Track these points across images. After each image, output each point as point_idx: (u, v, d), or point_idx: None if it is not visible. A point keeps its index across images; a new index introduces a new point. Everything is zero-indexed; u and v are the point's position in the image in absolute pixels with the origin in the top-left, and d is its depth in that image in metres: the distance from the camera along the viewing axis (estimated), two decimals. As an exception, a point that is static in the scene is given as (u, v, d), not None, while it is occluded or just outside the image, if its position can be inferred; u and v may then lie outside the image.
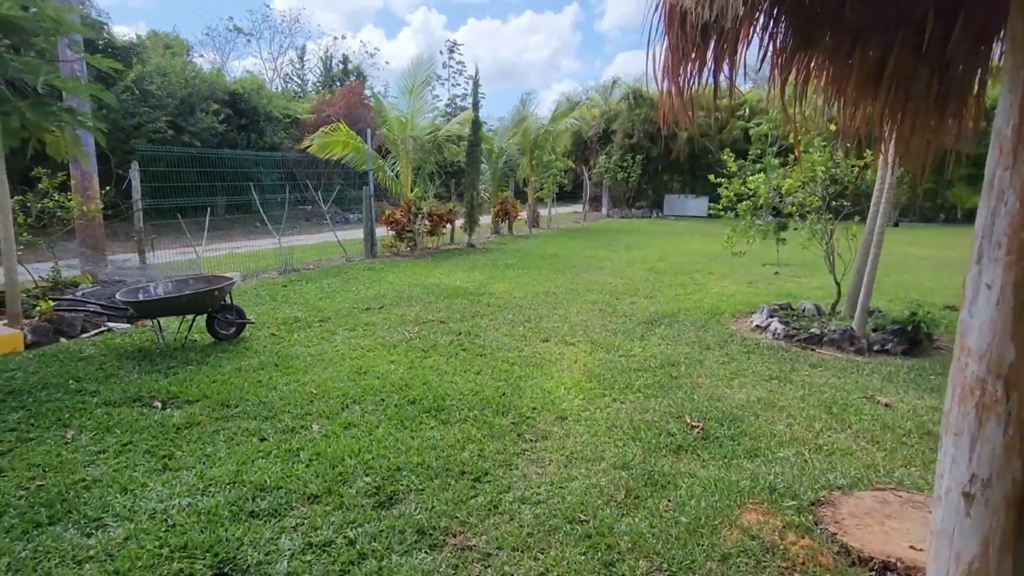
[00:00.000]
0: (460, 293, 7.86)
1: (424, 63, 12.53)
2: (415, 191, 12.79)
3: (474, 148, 13.56)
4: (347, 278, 9.01)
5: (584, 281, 8.94)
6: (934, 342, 5.54)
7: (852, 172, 6.02)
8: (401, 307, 7.00)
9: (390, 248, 12.40)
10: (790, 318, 6.17)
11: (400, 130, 12.84)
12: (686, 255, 12.51)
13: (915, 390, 4.31)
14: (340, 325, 6.11)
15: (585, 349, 5.30)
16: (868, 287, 5.37)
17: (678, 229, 19.96)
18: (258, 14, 40.33)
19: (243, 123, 19.21)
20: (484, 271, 9.89)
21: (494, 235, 16.62)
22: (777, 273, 9.92)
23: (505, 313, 6.71)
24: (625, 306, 7.17)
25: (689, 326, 6.19)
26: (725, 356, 5.10)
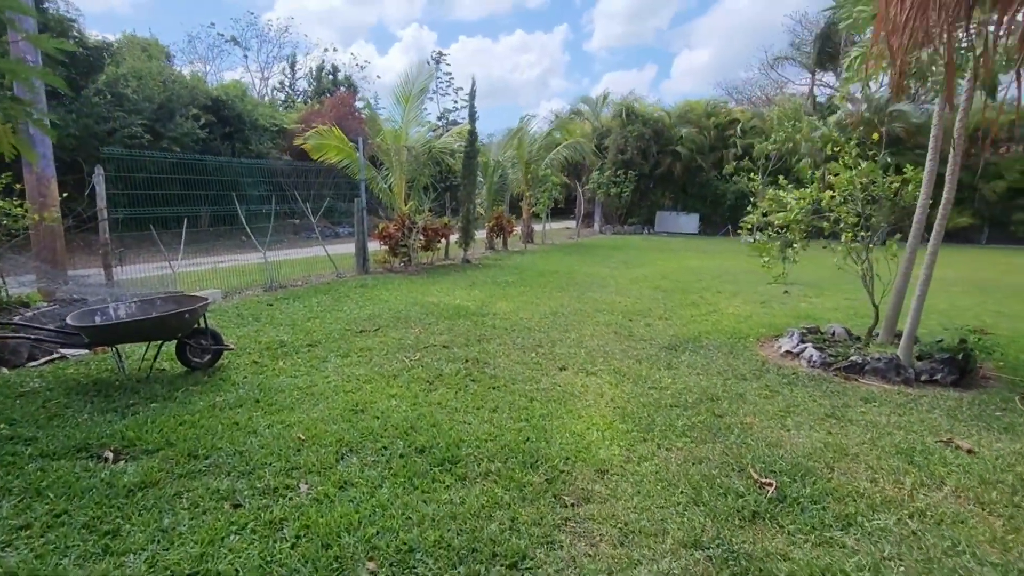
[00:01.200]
0: (462, 313, 7.19)
1: (422, 70, 11.96)
2: (410, 204, 12.14)
3: (470, 160, 12.97)
4: (338, 296, 8.30)
5: (591, 300, 8.32)
6: (979, 371, 4.99)
7: (890, 188, 5.49)
8: (399, 329, 6.31)
9: (383, 264, 11.71)
10: (822, 343, 5.60)
11: (394, 140, 12.22)
12: (688, 272, 11.97)
13: (988, 430, 3.72)
14: (331, 350, 5.40)
15: (609, 380, 4.65)
16: (916, 312, 4.81)
17: (673, 246, 19.50)
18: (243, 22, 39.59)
19: (227, 131, 18.45)
20: (484, 289, 9.23)
21: (489, 251, 16.00)
22: (787, 292, 9.39)
23: (514, 336, 6.05)
24: (641, 328, 6.55)
25: (715, 352, 5.57)
26: (765, 388, 4.48)
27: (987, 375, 4.90)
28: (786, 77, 41.94)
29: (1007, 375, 4.89)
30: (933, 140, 5.13)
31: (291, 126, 20.77)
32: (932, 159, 5.10)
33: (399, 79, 12.12)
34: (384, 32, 77.06)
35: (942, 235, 4.69)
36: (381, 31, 76.09)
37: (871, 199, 5.47)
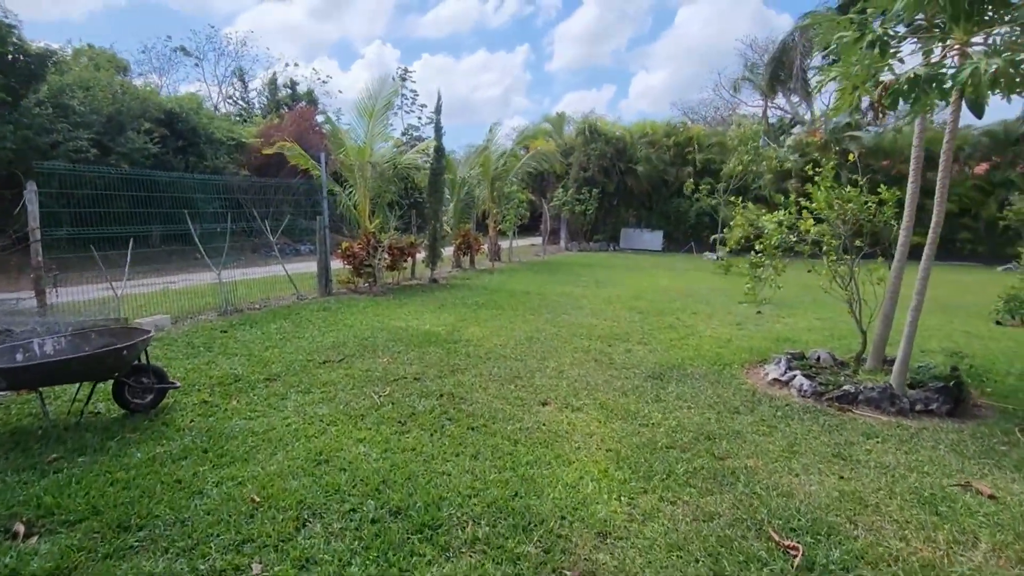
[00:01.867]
0: (432, 340, 6.75)
1: (386, 84, 11.54)
2: (375, 222, 11.64)
3: (437, 177, 12.59)
4: (299, 321, 7.74)
5: (566, 323, 8.00)
6: (971, 399, 4.86)
7: (869, 208, 5.38)
8: (366, 359, 5.83)
9: (346, 284, 11.14)
10: (808, 369, 5.42)
11: (358, 156, 11.73)
12: (660, 292, 11.82)
13: (999, 468, 3.53)
14: (292, 385, 4.89)
15: (596, 416, 4.31)
16: (909, 339, 4.66)
17: (641, 264, 19.49)
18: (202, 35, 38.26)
19: (181, 145, 17.56)
20: (454, 311, 8.81)
21: (456, 269, 15.58)
22: (760, 312, 9.30)
23: (489, 366, 5.66)
24: (621, 355, 6.25)
25: (701, 380, 5.31)
26: (762, 424, 4.21)
27: (978, 403, 4.78)
28: (739, 99, 43.29)
29: (997, 403, 4.78)
30: (914, 162, 5.03)
31: (250, 140, 19.97)
32: (914, 181, 5.00)
33: (363, 94, 11.67)
34: (347, 48, 76.36)
35: (932, 259, 4.55)
36: (344, 47, 75.37)
37: (855, 221, 5.34)
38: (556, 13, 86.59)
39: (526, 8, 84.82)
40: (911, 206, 5.04)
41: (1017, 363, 6.19)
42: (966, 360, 5.17)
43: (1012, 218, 18.74)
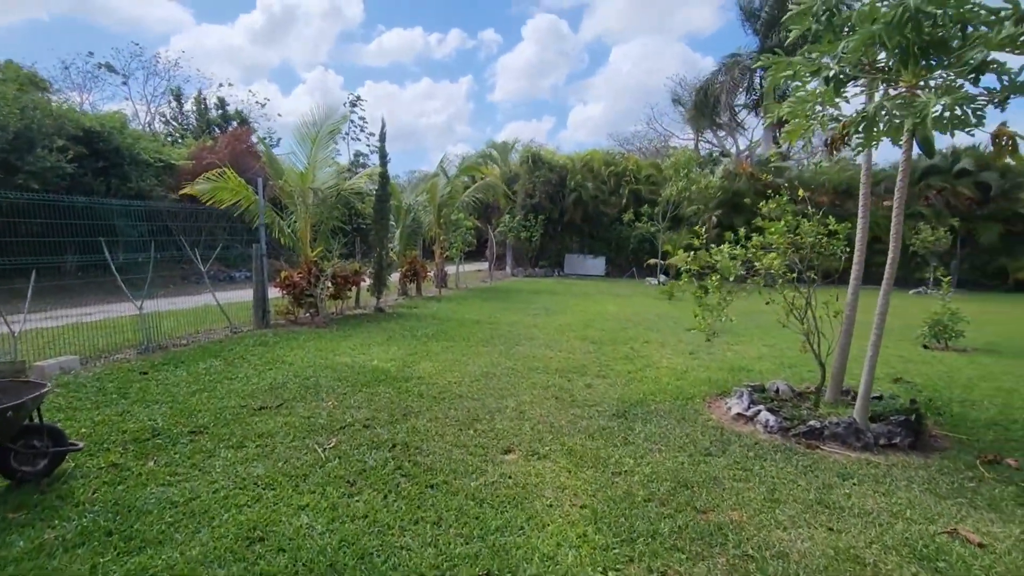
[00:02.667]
0: (381, 378, 6.21)
1: (335, 111, 11.05)
2: (317, 250, 10.97)
3: (383, 204, 12.06)
4: (232, 358, 7.00)
5: (521, 356, 7.64)
6: (928, 431, 4.84)
7: (820, 240, 5.37)
8: (308, 402, 5.24)
9: (286, 315, 10.37)
10: (769, 402, 5.29)
11: (299, 182, 11.08)
12: (610, 319, 11.70)
13: (975, 509, 3.41)
14: (221, 439, 4.26)
15: (565, 465, 3.94)
16: (869, 373, 4.58)
17: (586, 289, 19.48)
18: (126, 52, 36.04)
19: (102, 166, 16.17)
20: (403, 344, 8.27)
21: (402, 297, 14.97)
22: (709, 340, 9.26)
23: (445, 407, 5.20)
24: (582, 390, 5.94)
25: (667, 418, 5.06)
26: (736, 467, 3.97)
27: (934, 434, 4.74)
28: (671, 131, 45.17)
29: (951, 433, 4.76)
30: (863, 198, 5.07)
31: (181, 162, 18.71)
32: (864, 216, 5.03)
33: (308, 119, 11.10)
34: (289, 73, 74.88)
35: (890, 293, 4.52)
36: (285, 72, 73.84)
37: (809, 253, 5.31)
38: (498, 48, 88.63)
39: (469, 42, 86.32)
40: (862, 240, 5.06)
41: (955, 389, 6.32)
42: (923, 393, 5.18)
43: (919, 245, 20.07)
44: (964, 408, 5.55)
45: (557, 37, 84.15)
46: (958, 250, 22.36)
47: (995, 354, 8.60)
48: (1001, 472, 3.93)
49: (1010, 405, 5.64)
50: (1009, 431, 4.83)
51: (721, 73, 31.64)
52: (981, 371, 7.31)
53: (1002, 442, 4.55)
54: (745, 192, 25.89)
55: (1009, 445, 4.48)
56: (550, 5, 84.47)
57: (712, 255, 5.70)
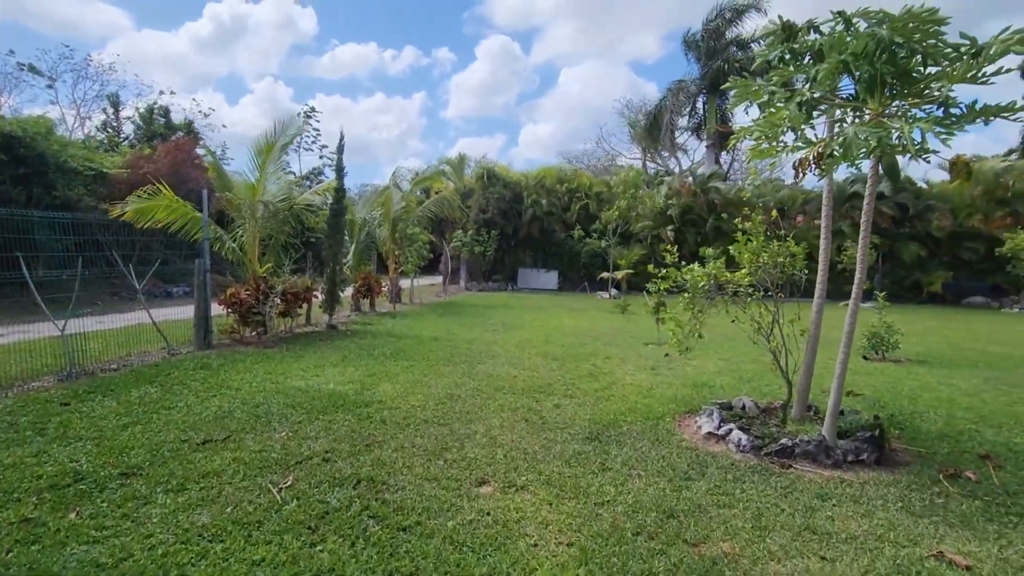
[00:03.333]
0: (339, 403, 5.76)
1: (292, 123, 10.53)
2: (266, 265, 10.31)
3: (337, 218, 11.53)
4: (170, 384, 6.35)
5: (485, 375, 7.33)
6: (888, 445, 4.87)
7: (787, 259, 5.38)
8: (258, 434, 4.75)
9: (231, 334, 9.64)
10: (738, 420, 5.21)
11: (248, 195, 10.42)
12: (568, 334, 11.55)
13: (949, 527, 3.37)
14: (159, 482, 3.74)
15: (545, 497, 3.66)
16: (838, 391, 4.56)
17: (541, 303, 19.37)
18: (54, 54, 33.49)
19: (22, 173, 14.79)
20: (360, 364, 7.79)
21: (355, 313, 14.34)
22: (667, 355, 9.27)
23: (411, 435, 4.82)
24: (551, 412, 5.70)
25: (641, 440, 4.87)
26: (718, 492, 3.81)
27: (895, 448, 4.77)
28: (618, 150, 46.25)
29: (909, 446, 4.80)
30: (825, 219, 5.11)
31: (114, 171, 17.37)
32: (826, 237, 5.06)
33: (263, 130, 10.57)
34: (236, 83, 72.30)
35: (855, 315, 4.52)
36: (232, 82, 71.24)
37: (779, 273, 5.30)
38: (451, 66, 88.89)
39: (423, 59, 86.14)
40: (825, 260, 5.08)
41: (903, 400, 6.48)
42: (885, 408, 5.23)
43: (846, 261, 21.15)
44: (915, 420, 5.66)
45: (509, 58, 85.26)
46: (880, 266, 23.73)
47: (927, 364, 8.98)
48: (964, 486, 3.94)
49: (953, 416, 5.79)
50: (959, 443, 4.92)
51: (667, 98, 32.66)
52: (919, 381, 7.57)
53: (957, 454, 4.61)
54: (693, 209, 26.69)
55: (964, 457, 4.54)
56: (503, 27, 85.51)
57: (683, 273, 5.60)
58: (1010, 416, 5.78)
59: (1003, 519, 3.42)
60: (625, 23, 74.00)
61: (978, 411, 5.97)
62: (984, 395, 6.72)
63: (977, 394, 6.77)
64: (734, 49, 30.06)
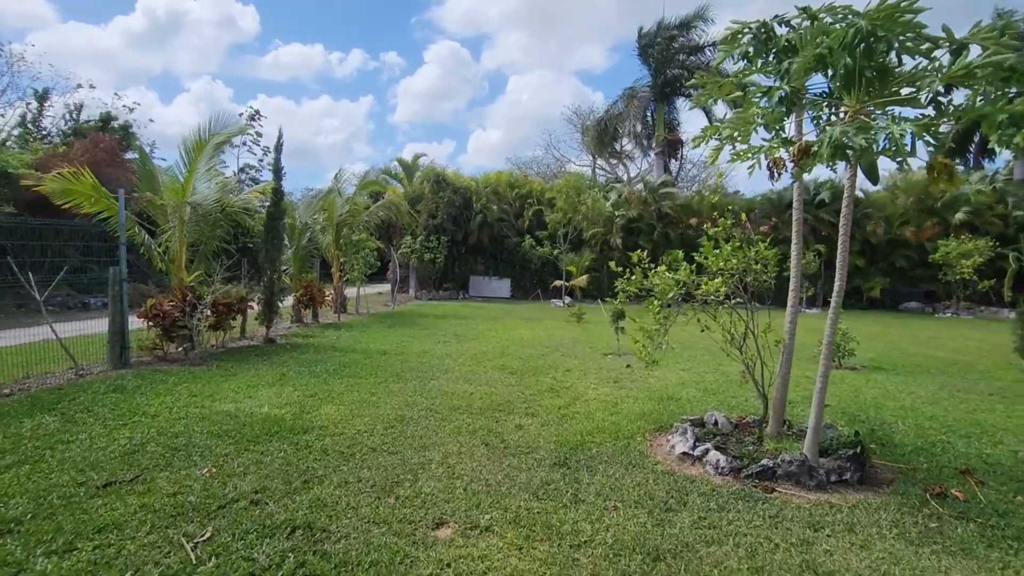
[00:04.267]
0: (274, 430, 5.13)
1: (231, 120, 9.73)
2: (195, 273, 9.44)
3: (276, 222, 10.75)
4: (73, 412, 5.53)
5: (438, 393, 6.83)
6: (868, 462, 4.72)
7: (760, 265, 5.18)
8: (174, 471, 4.09)
9: (152, 350, 8.73)
10: (711, 437, 4.95)
11: (175, 195, 9.54)
12: (523, 346, 11.17)
13: (951, 555, 3.16)
14: (41, 540, 3.06)
15: (513, 539, 3.22)
16: (819, 406, 4.35)
17: (494, 312, 18.95)
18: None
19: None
20: (300, 383, 7.12)
21: (296, 324, 13.48)
22: (629, 367, 9.03)
23: (356, 467, 4.28)
24: (513, 433, 5.27)
25: (613, 464, 4.52)
26: (704, 526, 3.48)
27: (873, 464, 4.61)
28: (567, 157, 46.64)
29: (888, 462, 4.66)
30: (796, 224, 4.95)
31: (22, 171, 15.76)
32: (797, 243, 4.89)
33: (198, 127, 9.71)
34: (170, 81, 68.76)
35: (836, 323, 4.34)
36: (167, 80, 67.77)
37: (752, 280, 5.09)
38: (400, 70, 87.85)
39: (371, 63, 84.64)
40: (796, 267, 4.91)
41: (868, 409, 6.42)
42: (865, 423, 5.09)
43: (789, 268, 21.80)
44: (886, 431, 5.57)
45: (459, 64, 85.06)
46: (822, 272, 24.68)
47: (882, 371, 9.12)
48: (954, 507, 3.77)
49: (921, 427, 5.75)
50: (935, 456, 4.82)
51: (618, 104, 33.10)
52: (880, 389, 7.61)
53: (936, 470, 4.49)
54: (644, 217, 26.97)
55: (944, 473, 4.42)
56: (453, 33, 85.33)
57: (651, 278, 5.31)
58: (974, 425, 5.79)
59: (1002, 545, 3.24)
60: (573, 34, 75.32)
61: (943, 420, 5.96)
62: (944, 403, 6.78)
63: (937, 402, 6.82)
64: (683, 56, 30.79)
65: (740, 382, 5.33)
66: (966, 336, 14.61)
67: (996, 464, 4.63)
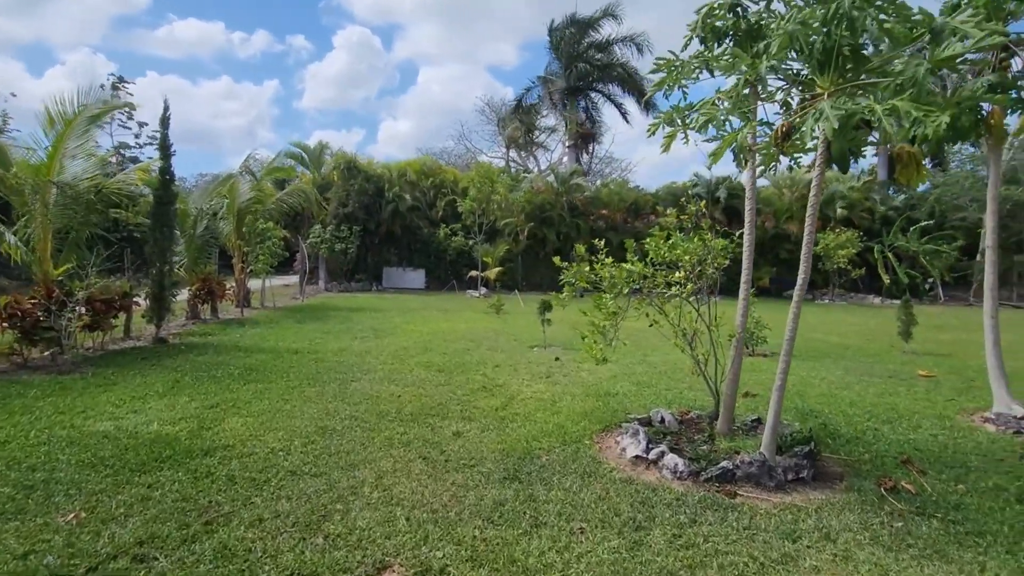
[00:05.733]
0: (164, 453, 4.18)
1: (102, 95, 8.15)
2: (64, 266, 7.88)
3: (164, 207, 9.28)
4: None
5: (362, 397, 6.07)
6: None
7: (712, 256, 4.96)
8: (27, 519, 3.11)
9: (9, 356, 7.17)
10: (660, 437, 4.68)
11: (34, 174, 7.89)
12: (446, 339, 10.54)
13: (927, 559, 3.02)
14: None
15: (474, 582, 2.67)
16: (779, 402, 4.17)
17: (410, 304, 18.06)
18: None
19: None
20: (198, 391, 6.06)
21: (193, 322, 11.89)
22: (558, 360, 8.71)
23: (271, 497, 3.51)
24: (452, 443, 4.69)
25: (567, 474, 4.08)
26: (680, 544, 3.11)
27: (822, 459, 4.53)
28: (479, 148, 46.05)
29: (830, 454, 4.61)
30: (749, 214, 4.76)
31: None
32: (750, 232, 4.71)
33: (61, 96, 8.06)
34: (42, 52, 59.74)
35: (798, 317, 4.16)
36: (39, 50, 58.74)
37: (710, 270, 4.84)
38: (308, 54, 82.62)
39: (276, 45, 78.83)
40: (748, 258, 4.73)
41: (794, 399, 6.43)
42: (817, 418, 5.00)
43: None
44: (821, 421, 5.56)
45: (370, 51, 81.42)
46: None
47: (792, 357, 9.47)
48: (910, 502, 3.69)
49: (847, 414, 5.85)
50: (871, 445, 4.85)
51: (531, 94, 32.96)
52: (795, 376, 7.79)
53: (878, 461, 4.48)
54: (555, 207, 27.01)
55: (887, 463, 4.41)
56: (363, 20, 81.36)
57: (598, 270, 4.92)
58: (890, 409, 5.99)
59: (970, 543, 3.15)
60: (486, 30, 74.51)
61: (861, 406, 6.13)
62: (855, 387, 7.05)
63: (849, 387, 7.07)
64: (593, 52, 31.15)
65: (694, 374, 5.08)
66: (846, 321, 15.88)
67: (925, 450, 4.72)
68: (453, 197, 27.05)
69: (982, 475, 4.19)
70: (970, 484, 4.01)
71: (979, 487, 3.96)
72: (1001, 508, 3.62)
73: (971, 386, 7.24)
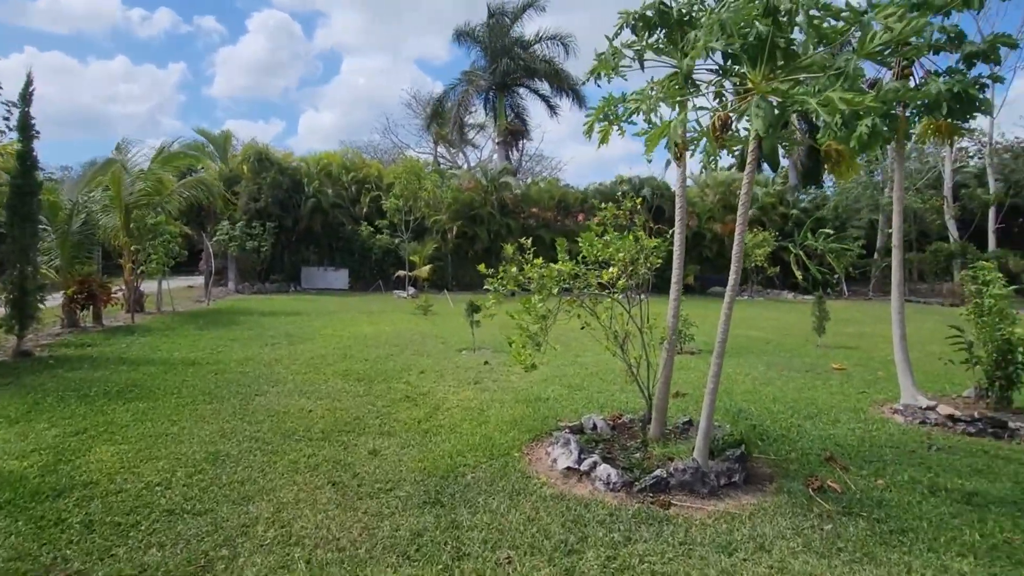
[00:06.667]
0: (3, 497, 3.47)
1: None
2: None
3: (26, 198, 8.08)
4: None
5: (267, 413, 5.48)
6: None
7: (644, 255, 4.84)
8: None
9: None
10: (593, 445, 4.51)
11: None
12: (368, 344, 9.97)
13: (859, 564, 2.98)
14: None
15: (383, 637, 2.31)
16: (711, 406, 4.09)
17: (331, 307, 17.13)
18: None
19: None
20: (61, 414, 5.22)
21: (70, 331, 10.54)
22: (487, 363, 8.43)
23: (138, 546, 2.96)
24: (366, 462, 4.26)
25: (494, 493, 3.78)
26: (616, 566, 2.90)
27: (752, 460, 4.52)
28: (406, 143, 45.03)
29: (759, 454, 4.62)
30: (679, 211, 4.68)
31: None
32: (680, 231, 4.63)
33: None
34: None
35: (729, 319, 4.10)
36: None
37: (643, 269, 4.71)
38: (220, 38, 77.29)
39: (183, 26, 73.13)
40: (680, 257, 4.65)
41: (723, 396, 6.49)
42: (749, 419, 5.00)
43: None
44: (750, 421, 5.60)
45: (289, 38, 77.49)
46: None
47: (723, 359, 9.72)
48: (837, 502, 3.71)
49: (771, 410, 5.97)
50: (796, 443, 4.92)
51: (456, 88, 32.45)
52: (724, 373, 7.68)
53: (804, 459, 4.52)
54: (485, 205, 26.72)
55: (812, 461, 4.46)
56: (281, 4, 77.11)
57: (527, 272, 4.65)
58: (810, 404, 6.18)
59: (895, 543, 3.16)
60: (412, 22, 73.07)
61: (783, 401, 6.29)
62: (777, 382, 7.27)
63: (771, 382, 7.29)
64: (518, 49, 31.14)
65: (627, 380, 4.93)
66: (764, 316, 16.73)
67: (845, 445, 4.85)
68: (378, 193, 26.09)
69: (898, 468, 4.32)
70: (888, 478, 4.11)
71: (896, 481, 4.07)
72: (918, 503, 3.71)
73: (877, 378, 7.68)
